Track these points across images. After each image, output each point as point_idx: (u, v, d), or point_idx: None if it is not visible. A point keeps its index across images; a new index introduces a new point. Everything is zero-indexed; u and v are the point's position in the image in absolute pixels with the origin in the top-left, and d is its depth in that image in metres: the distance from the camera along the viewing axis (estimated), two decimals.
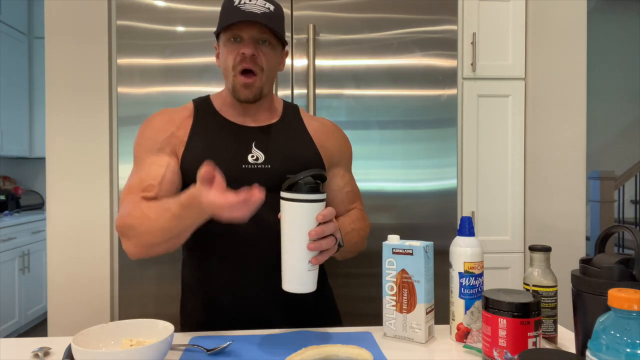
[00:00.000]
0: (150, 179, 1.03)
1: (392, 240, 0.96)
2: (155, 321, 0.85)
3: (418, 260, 0.93)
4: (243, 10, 1.01)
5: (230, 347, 0.90)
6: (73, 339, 0.76)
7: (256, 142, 1.09)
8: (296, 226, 0.87)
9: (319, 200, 0.88)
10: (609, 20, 4.95)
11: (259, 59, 1.05)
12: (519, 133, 1.88)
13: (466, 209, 1.87)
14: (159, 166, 1.05)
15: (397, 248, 0.94)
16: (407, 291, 0.93)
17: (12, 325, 3.36)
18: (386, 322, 0.97)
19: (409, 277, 0.93)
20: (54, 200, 1.75)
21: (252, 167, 1.07)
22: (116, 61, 1.70)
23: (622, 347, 0.52)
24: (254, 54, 1.04)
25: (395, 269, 0.94)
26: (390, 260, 0.95)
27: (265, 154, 1.08)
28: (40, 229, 3.73)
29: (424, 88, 1.76)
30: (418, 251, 0.93)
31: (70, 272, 1.75)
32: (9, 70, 3.75)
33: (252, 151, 1.08)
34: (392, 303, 0.96)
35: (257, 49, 1.04)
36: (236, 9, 1.02)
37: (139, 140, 1.09)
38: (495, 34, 1.88)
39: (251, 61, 1.04)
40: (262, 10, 1.03)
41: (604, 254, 0.79)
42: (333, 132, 1.20)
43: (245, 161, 1.07)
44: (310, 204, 0.87)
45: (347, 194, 1.19)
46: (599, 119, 4.96)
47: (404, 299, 0.94)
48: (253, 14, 1.01)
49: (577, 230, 1.91)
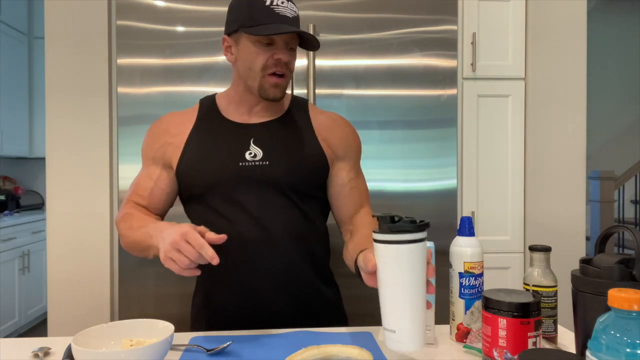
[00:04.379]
0: (141, 190, 1.12)
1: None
2: (155, 321, 0.85)
3: None
4: (278, 14, 1.00)
5: (230, 347, 0.90)
6: (73, 339, 0.76)
7: (255, 139, 1.08)
8: (418, 270, 0.75)
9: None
10: (609, 20, 4.95)
11: (290, 64, 1.06)
12: (519, 133, 1.88)
13: (466, 209, 1.87)
14: (150, 179, 1.12)
15: None
16: None
17: (12, 325, 3.36)
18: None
19: None
20: (54, 201, 1.75)
21: (250, 165, 1.06)
22: (116, 61, 1.70)
23: (622, 347, 0.52)
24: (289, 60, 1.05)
25: None
26: None
27: (263, 150, 1.07)
28: (40, 229, 3.73)
29: (424, 88, 1.76)
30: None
31: (70, 272, 1.75)
32: (9, 70, 3.75)
33: (250, 148, 1.07)
34: None
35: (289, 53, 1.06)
36: (270, 11, 1.00)
37: (143, 145, 1.16)
38: (495, 34, 1.88)
39: (284, 66, 1.05)
40: (292, 14, 1.03)
41: (604, 254, 0.79)
42: (340, 125, 1.17)
43: (243, 159, 1.06)
44: (425, 242, 0.77)
45: (352, 190, 1.13)
46: (599, 119, 4.96)
47: None
48: (288, 18, 1.01)
49: (577, 230, 1.91)
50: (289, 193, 1.06)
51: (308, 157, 1.09)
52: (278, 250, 1.05)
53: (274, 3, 1.01)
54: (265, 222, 1.04)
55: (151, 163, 1.12)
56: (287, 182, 1.06)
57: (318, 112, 1.17)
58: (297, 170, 1.07)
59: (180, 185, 1.10)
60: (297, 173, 1.07)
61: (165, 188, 1.11)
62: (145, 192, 1.11)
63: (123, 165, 1.70)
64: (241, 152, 1.07)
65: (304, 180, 1.08)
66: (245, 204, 1.05)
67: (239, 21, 1.03)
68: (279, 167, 1.06)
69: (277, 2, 1.01)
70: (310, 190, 1.10)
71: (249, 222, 1.04)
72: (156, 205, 1.12)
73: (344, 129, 1.17)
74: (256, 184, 1.05)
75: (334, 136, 1.14)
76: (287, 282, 1.06)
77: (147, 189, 1.11)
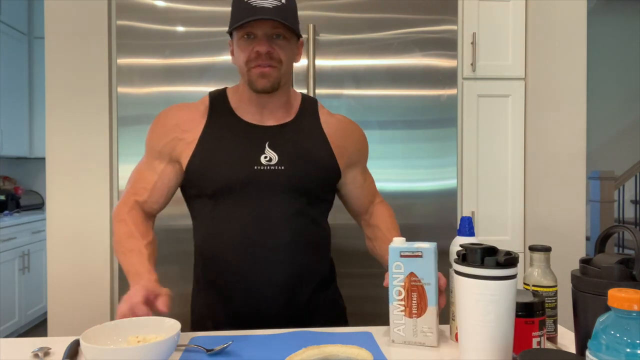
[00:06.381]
0: (144, 182, 1.10)
1: (398, 243, 0.91)
2: (162, 319, 0.86)
3: (428, 263, 0.89)
4: (254, 6, 0.99)
5: (230, 347, 0.90)
6: (82, 335, 0.76)
7: (269, 143, 1.07)
8: (512, 303, 0.75)
9: None
10: (609, 20, 4.95)
11: (274, 53, 1.03)
12: (519, 133, 1.88)
13: (466, 209, 1.86)
14: (154, 172, 1.10)
15: (405, 251, 0.89)
16: (417, 295, 0.89)
17: (12, 325, 3.36)
18: (394, 328, 0.92)
19: (418, 280, 0.89)
20: (54, 200, 1.75)
21: (265, 169, 1.05)
22: (116, 61, 1.70)
23: (622, 347, 0.52)
24: (269, 50, 1.02)
25: (403, 272, 0.90)
26: (397, 264, 0.90)
27: (278, 154, 1.06)
28: (40, 229, 3.73)
29: (424, 88, 1.76)
30: (428, 253, 0.89)
31: (70, 272, 1.75)
32: (9, 70, 3.75)
33: (266, 152, 1.06)
34: (400, 308, 0.91)
35: (271, 44, 1.03)
36: (247, 5, 1.00)
37: (148, 136, 1.13)
38: (495, 34, 1.87)
39: (267, 57, 1.02)
40: (274, 3, 1.01)
41: (604, 254, 0.78)
42: (352, 131, 1.18)
43: (258, 162, 1.05)
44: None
45: (368, 189, 1.21)
46: (599, 119, 4.96)
47: (414, 303, 0.90)
48: (265, 9, 0.99)
49: (577, 230, 1.91)
50: (301, 198, 1.07)
51: (321, 163, 1.09)
52: (284, 255, 1.05)
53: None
54: (273, 227, 1.04)
55: (157, 156, 1.10)
56: (302, 187, 1.06)
57: (328, 115, 1.17)
58: (311, 175, 1.08)
59: (189, 182, 1.09)
60: (312, 178, 1.08)
61: (169, 182, 1.10)
62: (148, 185, 1.09)
63: (123, 165, 1.70)
64: (257, 155, 1.06)
65: (318, 185, 1.09)
66: (256, 208, 1.05)
67: (230, 23, 1.05)
68: (294, 172, 1.06)
69: None
70: (322, 194, 1.11)
71: (258, 226, 1.04)
72: (156, 199, 1.11)
73: (356, 133, 1.20)
74: (270, 188, 1.05)
75: (348, 144, 1.16)
76: (290, 286, 1.06)
77: (150, 181, 1.09)
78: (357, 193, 1.19)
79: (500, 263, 0.73)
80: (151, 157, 1.11)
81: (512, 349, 0.75)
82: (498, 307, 0.73)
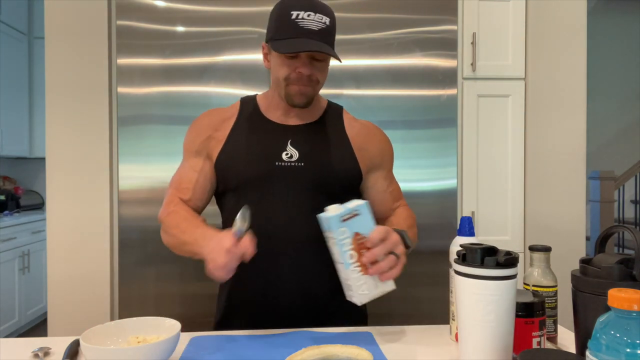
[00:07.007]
0: (186, 182, 1.14)
1: (335, 211, 0.90)
2: (162, 319, 0.86)
3: (366, 217, 0.90)
4: (302, 28, 1.01)
5: (231, 347, 0.90)
6: (82, 336, 0.76)
7: (292, 140, 1.10)
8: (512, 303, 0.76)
9: None
10: (609, 20, 4.95)
11: (313, 76, 1.06)
12: (519, 133, 1.88)
13: (466, 209, 1.86)
14: (194, 171, 1.13)
15: (345, 215, 0.89)
16: (366, 250, 0.90)
17: (12, 325, 3.36)
18: (357, 290, 0.91)
19: (362, 237, 0.90)
20: (54, 200, 1.75)
21: (286, 165, 1.08)
22: (116, 61, 1.70)
23: (622, 347, 0.52)
24: (311, 73, 1.05)
25: (350, 235, 0.89)
26: (342, 230, 0.89)
27: (299, 152, 1.09)
28: (40, 229, 3.73)
29: (424, 88, 1.76)
30: (364, 209, 0.90)
31: (70, 272, 1.75)
32: (9, 70, 3.75)
33: (287, 149, 1.09)
34: (357, 270, 0.90)
35: (313, 67, 1.05)
36: (294, 24, 1.01)
37: (185, 140, 1.18)
38: (495, 34, 1.87)
39: (307, 79, 1.05)
40: (320, 26, 1.02)
41: (604, 254, 0.78)
42: (375, 134, 1.20)
43: (280, 159, 1.08)
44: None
45: (390, 194, 1.20)
46: (599, 119, 4.96)
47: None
48: (312, 32, 1.01)
49: (577, 230, 1.91)
50: (320, 196, 1.08)
51: (341, 163, 1.11)
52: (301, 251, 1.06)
53: (300, 17, 1.01)
54: (292, 223, 1.06)
55: (194, 155, 1.14)
56: (320, 185, 1.08)
57: (352, 120, 1.20)
58: (330, 174, 1.09)
59: (218, 177, 1.13)
60: (331, 177, 1.09)
61: (210, 179, 1.14)
62: (190, 184, 1.13)
63: (123, 165, 1.70)
64: (278, 152, 1.09)
65: (336, 184, 1.10)
66: (275, 203, 1.07)
67: (269, 32, 1.07)
68: (313, 169, 1.08)
69: (304, 15, 1.02)
70: (342, 194, 1.11)
71: (277, 221, 1.06)
72: (199, 196, 1.13)
73: (378, 137, 1.21)
74: (290, 184, 1.07)
75: (370, 146, 1.17)
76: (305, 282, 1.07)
77: (191, 180, 1.13)
78: (379, 198, 1.19)
79: (500, 263, 0.74)
80: (189, 157, 1.15)
81: (512, 349, 0.75)
82: (498, 307, 0.73)
